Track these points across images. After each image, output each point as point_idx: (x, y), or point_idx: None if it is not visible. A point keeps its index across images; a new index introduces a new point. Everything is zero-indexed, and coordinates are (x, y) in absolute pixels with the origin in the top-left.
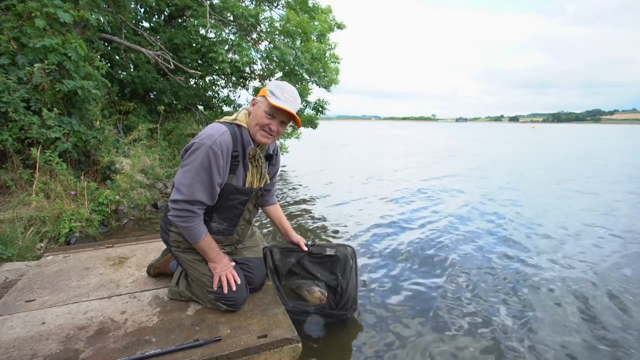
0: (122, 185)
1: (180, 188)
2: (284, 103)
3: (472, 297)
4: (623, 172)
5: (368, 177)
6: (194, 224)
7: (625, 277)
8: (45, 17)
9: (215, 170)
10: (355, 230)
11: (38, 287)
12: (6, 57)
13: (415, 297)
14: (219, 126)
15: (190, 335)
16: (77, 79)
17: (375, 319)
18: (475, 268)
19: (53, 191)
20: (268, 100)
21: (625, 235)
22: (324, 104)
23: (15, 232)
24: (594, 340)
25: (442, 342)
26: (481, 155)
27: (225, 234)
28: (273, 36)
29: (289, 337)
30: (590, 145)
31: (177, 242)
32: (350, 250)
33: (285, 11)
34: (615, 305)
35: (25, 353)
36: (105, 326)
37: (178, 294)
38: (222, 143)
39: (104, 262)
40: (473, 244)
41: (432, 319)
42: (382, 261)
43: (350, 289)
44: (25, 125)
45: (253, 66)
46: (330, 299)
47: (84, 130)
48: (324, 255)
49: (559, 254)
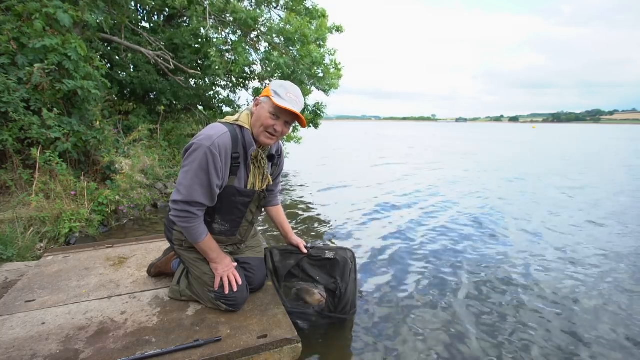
0: (122, 186)
1: (179, 189)
2: (288, 103)
3: (473, 299)
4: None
5: (369, 177)
6: (193, 225)
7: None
8: (45, 17)
9: (213, 172)
10: (356, 230)
11: (38, 287)
12: (6, 57)
13: (416, 298)
14: (219, 127)
15: (190, 336)
16: (77, 79)
17: (375, 319)
18: (478, 271)
19: (53, 191)
20: (272, 101)
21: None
22: (322, 107)
23: (15, 233)
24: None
25: (442, 343)
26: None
27: (228, 235)
28: (272, 38)
29: (289, 338)
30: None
31: (180, 241)
32: (350, 254)
33: (285, 12)
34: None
35: (25, 353)
36: (105, 326)
37: (179, 293)
38: (220, 144)
39: (104, 263)
40: (475, 246)
41: (432, 320)
42: (382, 262)
43: (349, 293)
44: (25, 126)
45: (253, 67)
46: (329, 302)
47: (84, 131)
48: (323, 258)
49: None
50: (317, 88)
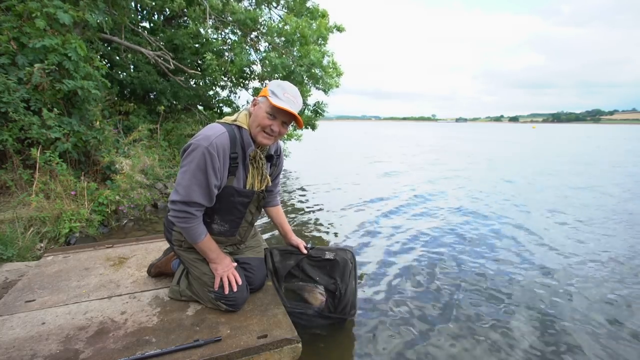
0: (122, 186)
1: (178, 189)
2: (285, 103)
3: (474, 300)
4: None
5: (369, 178)
6: (192, 225)
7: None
8: (45, 17)
9: (211, 172)
10: (356, 231)
11: (38, 287)
12: (6, 57)
13: (416, 299)
14: (217, 127)
15: (190, 336)
16: (77, 79)
17: (375, 319)
18: (481, 273)
19: (53, 191)
20: (269, 101)
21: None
22: (322, 106)
23: (15, 233)
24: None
25: (443, 344)
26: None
27: (227, 235)
28: (273, 38)
29: (289, 337)
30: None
31: (179, 241)
32: (349, 255)
33: (284, 12)
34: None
35: (25, 353)
36: (105, 326)
37: (179, 293)
38: (218, 145)
39: (104, 263)
40: (477, 248)
41: (433, 321)
42: (383, 262)
43: (348, 294)
44: (25, 126)
45: (252, 67)
46: (329, 302)
47: (84, 131)
48: (323, 259)
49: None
50: (316, 88)
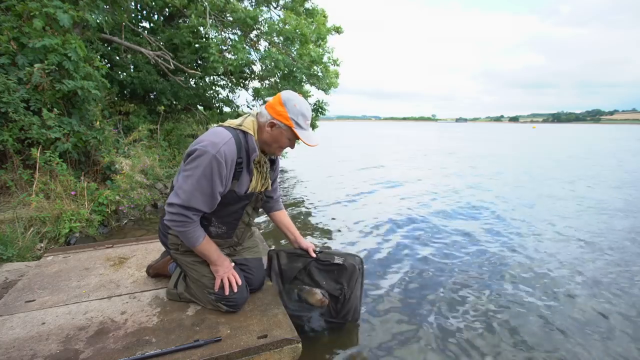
0: (122, 186)
1: (179, 192)
2: (312, 139)
3: (474, 301)
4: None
5: (369, 178)
6: (189, 229)
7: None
8: (45, 17)
9: (217, 180)
10: (356, 232)
11: (38, 287)
12: (6, 57)
13: (417, 299)
14: (223, 132)
15: (190, 336)
16: (77, 79)
17: (376, 320)
18: (481, 273)
19: (53, 191)
20: (295, 133)
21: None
22: (323, 105)
23: (15, 233)
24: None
25: (443, 344)
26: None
27: (224, 237)
28: (272, 37)
29: (289, 338)
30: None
31: (175, 245)
32: (358, 260)
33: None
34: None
35: (25, 353)
36: (105, 326)
37: (177, 296)
38: (227, 152)
39: (104, 263)
40: (479, 248)
41: (433, 322)
42: (384, 263)
43: (352, 300)
44: (25, 126)
45: (252, 67)
46: (331, 307)
47: (84, 131)
48: (332, 263)
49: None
50: (317, 88)
